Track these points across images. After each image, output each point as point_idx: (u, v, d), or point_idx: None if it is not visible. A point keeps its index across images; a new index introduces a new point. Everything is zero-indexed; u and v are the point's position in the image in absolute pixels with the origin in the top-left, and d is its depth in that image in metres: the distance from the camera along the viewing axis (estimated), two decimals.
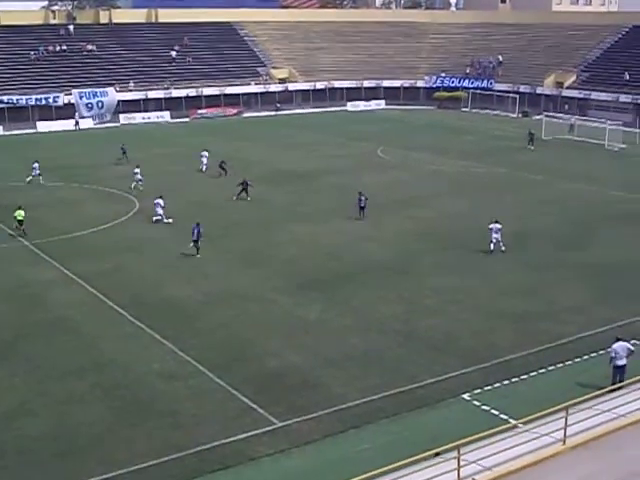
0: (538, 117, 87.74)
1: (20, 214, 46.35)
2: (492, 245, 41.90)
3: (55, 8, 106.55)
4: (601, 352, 29.36)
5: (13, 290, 36.96)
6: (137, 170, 57.04)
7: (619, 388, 22.28)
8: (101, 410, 25.77)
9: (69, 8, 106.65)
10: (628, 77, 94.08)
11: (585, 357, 29.34)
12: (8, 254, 42.47)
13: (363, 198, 48.93)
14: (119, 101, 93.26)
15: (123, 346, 30.78)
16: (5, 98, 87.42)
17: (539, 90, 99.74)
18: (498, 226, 42.00)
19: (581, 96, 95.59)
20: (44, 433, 24.34)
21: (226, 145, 75.15)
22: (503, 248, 41.88)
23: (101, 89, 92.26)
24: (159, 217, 47.94)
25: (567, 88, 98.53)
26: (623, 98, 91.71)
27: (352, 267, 40.06)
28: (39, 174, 58.57)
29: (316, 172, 62.53)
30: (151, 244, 44.22)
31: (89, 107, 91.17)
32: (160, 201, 48.08)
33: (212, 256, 42.20)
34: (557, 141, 77.05)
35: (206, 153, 63.49)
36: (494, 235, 41.88)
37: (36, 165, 58.91)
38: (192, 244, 41.64)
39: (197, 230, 41.65)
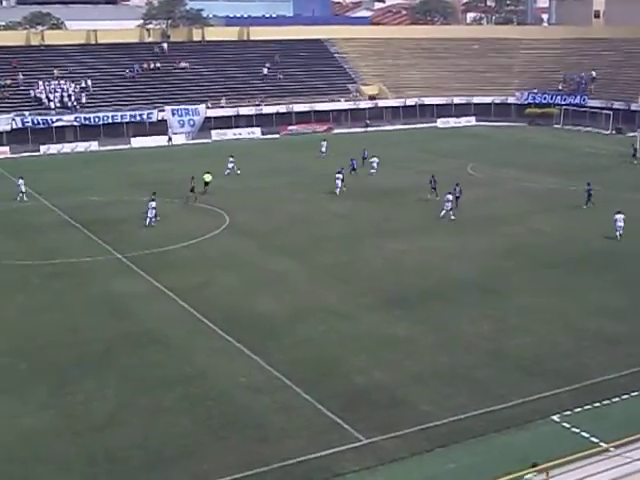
0: (633, 134, 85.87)
1: (208, 177, 59.44)
2: (618, 234, 46.66)
3: (150, 27, 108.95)
4: None
5: (105, 302, 37.75)
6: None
7: None
8: (188, 422, 26.12)
9: (163, 26, 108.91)
10: None
11: None
12: (102, 266, 43.46)
13: (459, 189, 55.28)
14: (211, 117, 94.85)
15: (211, 359, 31.16)
16: (101, 114, 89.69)
17: (634, 106, 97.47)
18: (622, 216, 46.79)
19: None
20: (133, 443, 24.78)
21: (316, 161, 75.68)
22: (619, 236, 46.54)
23: (193, 107, 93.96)
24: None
25: None
26: None
27: (440, 284, 39.80)
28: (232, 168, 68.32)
29: (405, 188, 62.37)
30: (240, 259, 44.70)
31: (181, 124, 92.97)
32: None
33: (300, 270, 42.50)
34: None
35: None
36: (618, 224, 46.69)
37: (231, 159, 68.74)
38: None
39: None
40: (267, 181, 66.01)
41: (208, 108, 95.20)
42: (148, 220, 50.94)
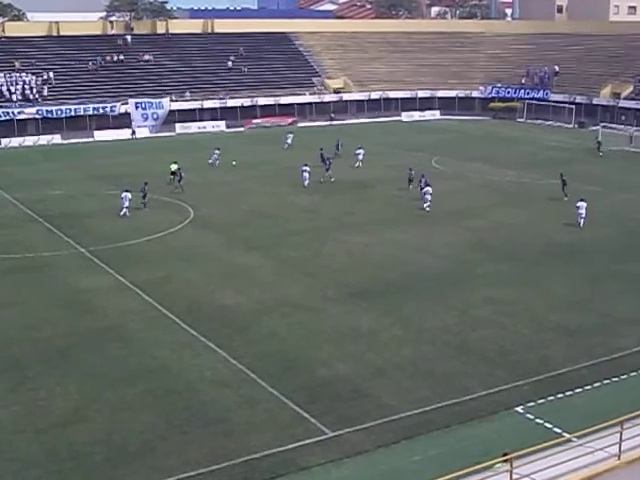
0: (594, 128, 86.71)
1: (174, 166, 60.01)
2: (581, 222, 48.23)
3: (113, 19, 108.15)
4: None
5: (68, 297, 37.40)
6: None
7: None
8: (152, 417, 25.94)
9: (127, 19, 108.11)
10: None
11: None
12: (64, 261, 43.04)
13: (424, 180, 55.38)
14: (175, 111, 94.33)
15: (175, 354, 30.97)
16: (64, 107, 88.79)
17: (595, 101, 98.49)
18: (584, 204, 48.37)
19: (638, 106, 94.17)
20: (96, 439, 24.55)
21: (280, 153, 75.53)
22: (582, 224, 48.03)
23: (156, 100, 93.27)
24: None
25: (624, 99, 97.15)
26: None
27: (404, 277, 39.88)
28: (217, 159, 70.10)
29: (370, 182, 62.51)
30: (205, 252, 44.50)
31: (144, 117, 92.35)
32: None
33: (265, 264, 42.39)
34: (614, 152, 75.99)
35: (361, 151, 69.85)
36: (580, 212, 48.20)
37: (217, 152, 70.20)
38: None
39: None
40: (232, 174, 65.78)
41: (172, 101, 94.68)
42: (122, 211, 51.42)
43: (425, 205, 53.06)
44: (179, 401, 26.98)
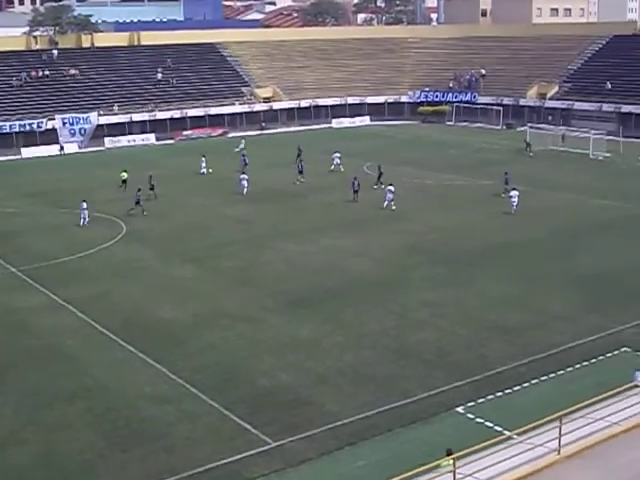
0: (522, 128, 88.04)
1: (124, 175, 62.63)
2: (513, 209, 52.30)
3: (37, 34, 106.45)
4: (592, 360, 29.48)
5: (1, 318, 36.68)
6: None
7: None
8: (92, 436, 25.57)
9: (51, 33, 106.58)
10: (610, 86, 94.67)
11: (577, 366, 29.39)
12: None
13: (357, 182, 57.76)
14: (104, 125, 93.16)
15: (114, 371, 30.60)
16: None
17: (522, 102, 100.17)
18: (517, 193, 52.61)
19: (564, 106, 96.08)
20: (34, 461, 24.14)
21: (213, 164, 75.11)
22: (514, 211, 52.17)
23: (84, 115, 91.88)
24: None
25: (550, 99, 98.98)
26: (606, 107, 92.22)
27: (341, 283, 39.99)
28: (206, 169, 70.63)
29: (303, 190, 62.51)
30: (139, 267, 44.05)
31: (72, 133, 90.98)
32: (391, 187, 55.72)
33: (201, 276, 42.12)
34: (542, 152, 77.20)
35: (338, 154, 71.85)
36: (513, 200, 52.25)
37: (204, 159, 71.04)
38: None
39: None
40: (164, 187, 65.08)
41: (100, 115, 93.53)
42: (82, 220, 52.44)
43: (385, 204, 54.61)
44: (119, 419, 26.65)
